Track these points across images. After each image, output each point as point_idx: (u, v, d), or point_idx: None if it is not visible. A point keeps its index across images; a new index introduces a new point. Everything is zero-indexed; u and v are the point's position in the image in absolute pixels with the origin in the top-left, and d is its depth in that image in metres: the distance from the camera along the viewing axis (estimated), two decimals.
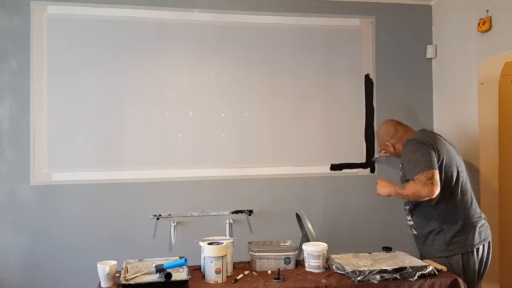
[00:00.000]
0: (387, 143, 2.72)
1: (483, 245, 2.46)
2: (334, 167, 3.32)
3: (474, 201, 2.52)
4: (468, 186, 2.53)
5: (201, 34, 3.17)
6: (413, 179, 2.36)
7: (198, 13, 3.16)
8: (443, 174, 2.42)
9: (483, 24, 2.84)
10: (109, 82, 3.05)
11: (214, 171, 3.18)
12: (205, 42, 3.17)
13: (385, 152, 2.87)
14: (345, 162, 3.33)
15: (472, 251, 2.43)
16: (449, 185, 2.45)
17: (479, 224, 2.47)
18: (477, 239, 2.44)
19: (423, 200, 2.36)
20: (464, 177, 2.52)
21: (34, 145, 2.96)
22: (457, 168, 2.48)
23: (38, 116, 2.97)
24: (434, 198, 2.34)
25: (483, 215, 2.54)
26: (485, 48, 2.89)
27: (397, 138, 2.69)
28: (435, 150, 2.41)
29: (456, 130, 3.19)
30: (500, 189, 3.02)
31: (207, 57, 3.18)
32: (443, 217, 2.46)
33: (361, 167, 3.35)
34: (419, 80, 3.46)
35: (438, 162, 2.39)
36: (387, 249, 2.58)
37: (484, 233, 2.47)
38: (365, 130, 3.37)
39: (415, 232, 2.61)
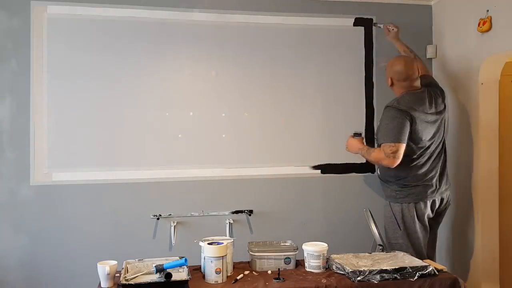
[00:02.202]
0: (390, 77, 2.83)
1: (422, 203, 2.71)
2: (333, 167, 3.33)
3: (434, 173, 2.75)
4: (429, 157, 2.73)
5: (201, 34, 3.16)
6: (380, 147, 2.67)
7: (198, 13, 3.16)
8: (410, 142, 2.66)
9: (483, 24, 2.84)
10: (109, 82, 3.05)
11: (214, 171, 3.18)
12: (205, 42, 3.17)
13: (392, 30, 3.19)
14: (345, 162, 3.33)
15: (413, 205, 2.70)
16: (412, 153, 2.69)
17: (419, 189, 2.71)
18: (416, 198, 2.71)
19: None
20: (431, 149, 2.73)
21: (34, 145, 2.96)
22: (423, 140, 2.69)
23: (38, 116, 2.97)
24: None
25: (439, 186, 2.76)
26: (485, 48, 2.89)
27: (399, 84, 2.79)
28: (411, 119, 2.63)
29: (456, 130, 3.19)
30: (500, 189, 3.02)
31: (207, 57, 3.17)
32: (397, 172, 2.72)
33: (361, 167, 3.35)
34: None
35: (410, 128, 2.62)
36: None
37: (420, 196, 2.71)
38: (365, 130, 3.36)
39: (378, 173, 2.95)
